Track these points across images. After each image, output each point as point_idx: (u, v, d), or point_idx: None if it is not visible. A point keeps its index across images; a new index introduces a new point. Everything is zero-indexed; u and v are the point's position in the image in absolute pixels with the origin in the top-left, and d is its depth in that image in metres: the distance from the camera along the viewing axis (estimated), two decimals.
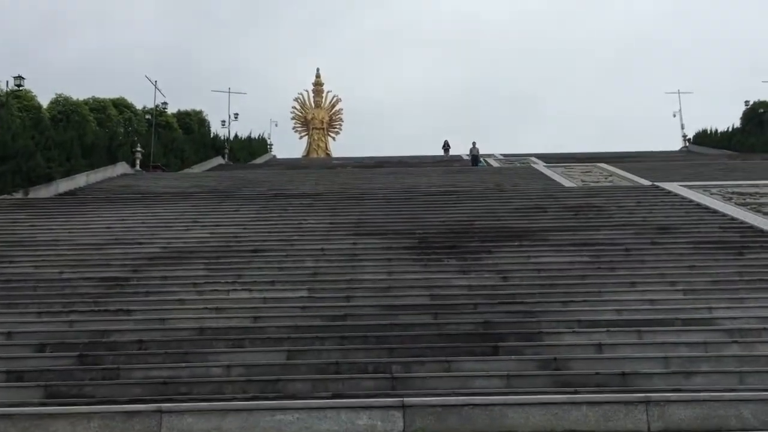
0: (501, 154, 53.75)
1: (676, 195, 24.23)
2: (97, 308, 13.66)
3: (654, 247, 17.48)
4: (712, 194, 24.03)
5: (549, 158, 47.01)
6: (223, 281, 15.25)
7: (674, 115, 65.88)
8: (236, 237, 19.36)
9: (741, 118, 59.59)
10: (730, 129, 58.62)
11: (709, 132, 60.81)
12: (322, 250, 17.73)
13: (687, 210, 22.00)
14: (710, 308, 12.99)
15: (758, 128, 56.35)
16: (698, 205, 22.50)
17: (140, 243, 18.83)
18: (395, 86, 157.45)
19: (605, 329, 11.99)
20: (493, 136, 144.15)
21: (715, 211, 21.36)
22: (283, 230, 20.20)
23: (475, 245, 18.04)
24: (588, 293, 14.02)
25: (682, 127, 65.20)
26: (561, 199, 24.32)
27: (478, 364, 10.80)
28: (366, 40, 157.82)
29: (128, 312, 13.41)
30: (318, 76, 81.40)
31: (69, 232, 20.36)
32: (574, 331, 11.99)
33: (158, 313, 13.33)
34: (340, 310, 13.44)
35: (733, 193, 24.09)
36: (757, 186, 24.95)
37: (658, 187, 26.14)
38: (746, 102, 60.32)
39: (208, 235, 19.66)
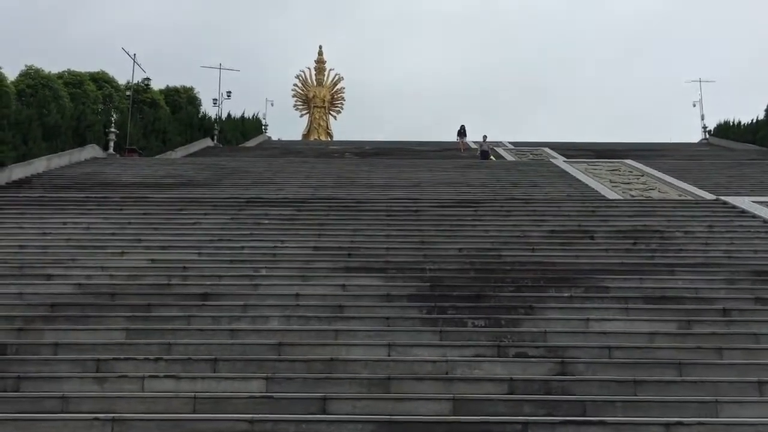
0: (510, 143, 48.09)
1: (754, 216, 19.15)
2: None
3: (762, 309, 12.49)
4: None
5: (562, 149, 41.76)
6: (142, 356, 10.24)
7: (694, 105, 60.89)
8: (184, 269, 14.33)
9: (765, 110, 54.38)
10: (754, 121, 53.38)
11: (731, 124, 55.47)
12: (297, 296, 12.74)
13: None
14: None
15: None
16: None
17: (50, 276, 13.80)
18: (400, 71, 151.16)
19: None
20: (500, 121, 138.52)
21: None
22: (250, 259, 15.17)
23: (509, 295, 13.04)
24: (698, 405, 9.01)
25: (702, 118, 60.15)
26: (608, 219, 19.24)
27: None
28: (371, 25, 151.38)
29: None
30: (320, 53, 76.68)
31: None
32: None
33: None
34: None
35: None
36: None
37: (725, 203, 21.04)
38: None
39: (148, 264, 14.65)
